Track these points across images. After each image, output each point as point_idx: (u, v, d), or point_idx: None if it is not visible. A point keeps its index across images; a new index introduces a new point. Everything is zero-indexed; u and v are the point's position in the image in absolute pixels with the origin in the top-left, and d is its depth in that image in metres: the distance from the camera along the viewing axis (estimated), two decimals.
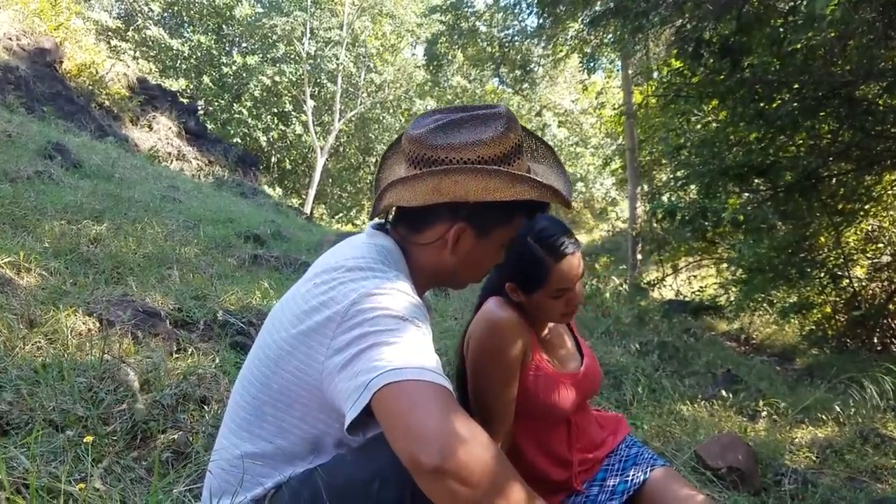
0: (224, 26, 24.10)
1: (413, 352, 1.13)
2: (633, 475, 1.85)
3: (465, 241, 1.40)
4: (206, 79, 22.12)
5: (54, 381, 2.00)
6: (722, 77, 6.93)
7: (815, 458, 3.23)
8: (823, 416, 3.90)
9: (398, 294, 1.23)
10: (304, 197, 23.65)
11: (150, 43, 22.43)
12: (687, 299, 11.30)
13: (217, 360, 2.63)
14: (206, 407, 2.17)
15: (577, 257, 1.73)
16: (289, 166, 25.51)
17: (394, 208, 1.45)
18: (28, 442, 1.48)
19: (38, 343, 2.31)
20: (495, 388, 1.71)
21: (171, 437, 1.94)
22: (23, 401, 1.84)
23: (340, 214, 26.10)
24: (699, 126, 9.34)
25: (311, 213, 20.36)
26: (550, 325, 1.88)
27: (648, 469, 1.87)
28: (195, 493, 1.59)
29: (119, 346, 2.43)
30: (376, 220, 1.49)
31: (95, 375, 2.08)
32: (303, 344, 1.24)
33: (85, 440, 1.41)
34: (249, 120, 22.11)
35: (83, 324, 2.60)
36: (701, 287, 12.28)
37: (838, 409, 3.88)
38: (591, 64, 15.87)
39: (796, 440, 3.50)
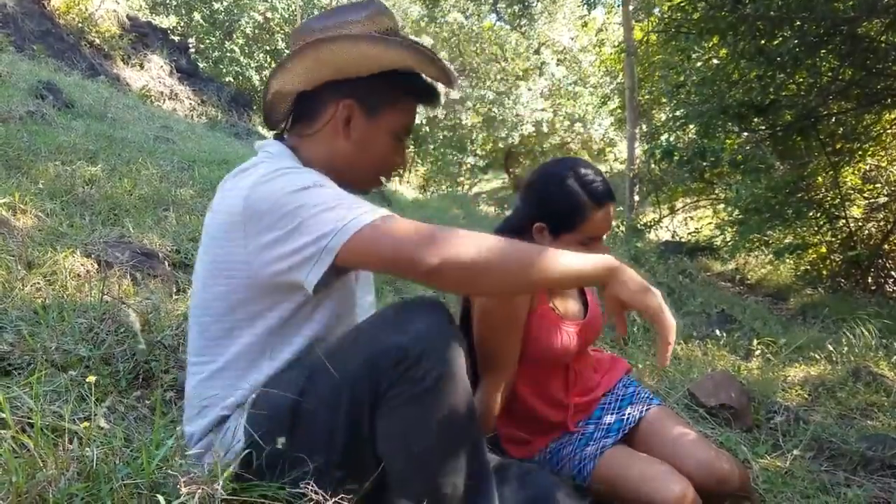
0: None
1: (338, 206, 1.22)
2: (629, 413, 1.89)
3: (356, 123, 1.42)
4: (196, 15, 21.57)
5: (55, 322, 2.01)
6: (723, 13, 6.80)
7: (807, 396, 3.29)
8: (816, 355, 3.95)
9: (286, 172, 1.28)
10: None
11: None
12: (683, 240, 11.32)
13: None
14: None
15: (614, 208, 1.73)
16: None
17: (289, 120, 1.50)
18: (31, 382, 1.50)
19: (37, 284, 2.31)
20: (501, 336, 1.71)
21: (172, 377, 1.96)
22: (24, 342, 1.85)
23: None
24: (699, 64, 9.21)
25: None
26: None
27: (644, 409, 1.90)
28: None
29: (118, 288, 2.44)
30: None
31: (96, 316, 2.09)
32: (221, 250, 1.30)
33: (87, 380, 1.42)
34: (241, 58, 21.66)
35: (81, 265, 2.60)
36: (697, 228, 12.29)
37: (831, 348, 3.93)
38: None
39: (789, 378, 3.56)
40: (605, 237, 1.76)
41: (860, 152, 8.65)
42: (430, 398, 1.18)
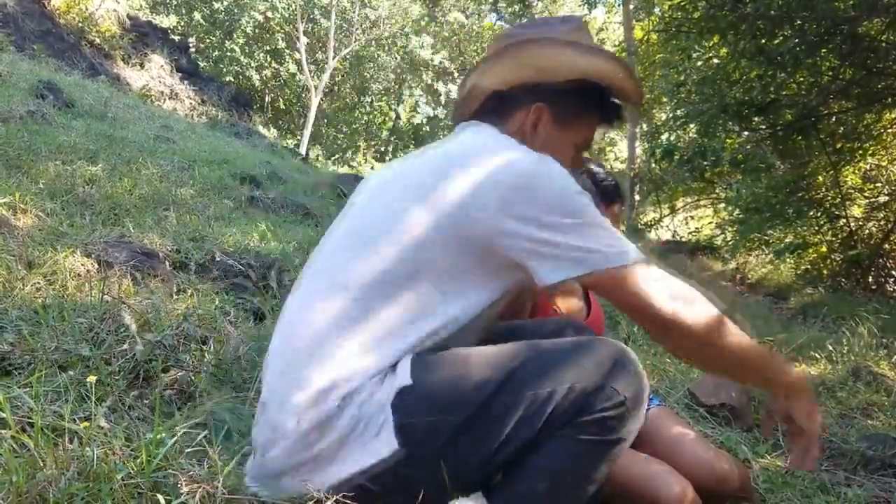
0: None
1: (613, 230, 1.27)
2: None
3: (544, 129, 1.43)
4: (197, 15, 21.59)
5: (55, 322, 2.01)
6: (724, 12, 6.81)
7: None
8: (816, 355, 3.94)
9: (560, 167, 1.28)
10: (299, 137, 23.39)
11: None
12: (684, 240, 11.34)
13: (217, 302, 2.65)
14: (205, 346, 2.19)
15: (622, 208, 1.74)
16: (283, 106, 25.15)
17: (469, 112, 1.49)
18: (31, 382, 1.50)
19: (37, 284, 2.31)
20: None
21: (172, 377, 1.96)
22: (24, 341, 1.85)
23: (336, 156, 25.89)
24: (700, 63, 9.21)
25: (307, 154, 20.19)
26: None
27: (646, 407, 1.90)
28: (198, 430, 1.61)
29: (118, 287, 2.44)
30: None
31: (96, 316, 2.09)
32: (453, 200, 1.24)
33: (88, 380, 1.42)
34: (242, 58, 21.68)
35: (81, 265, 2.60)
36: (697, 227, 12.30)
37: (831, 348, 3.92)
38: None
39: None
40: None
41: (860, 152, 8.65)
42: (609, 448, 1.21)
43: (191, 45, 18.78)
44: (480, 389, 1.18)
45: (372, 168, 23.32)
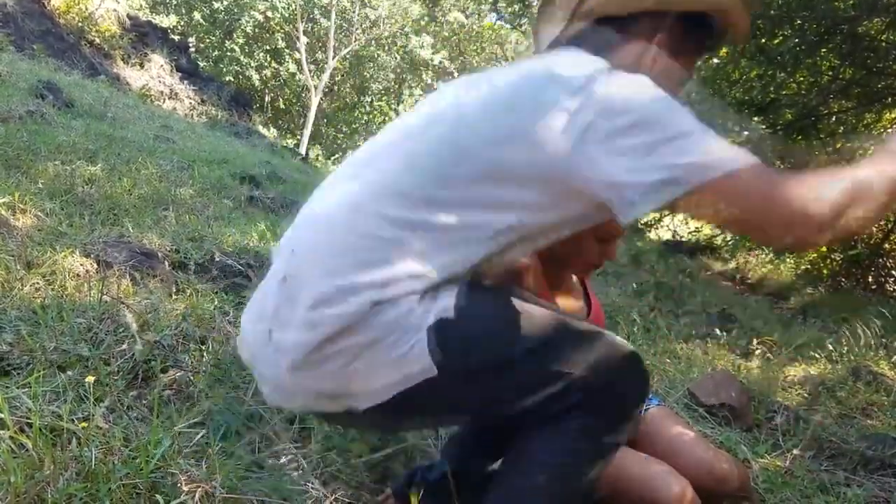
0: None
1: (707, 138, 1.11)
2: None
3: (660, 60, 1.33)
4: (197, 14, 21.60)
5: (54, 322, 2.01)
6: None
7: (807, 396, 3.28)
8: (816, 354, 3.94)
9: (657, 89, 1.15)
10: (298, 137, 23.39)
11: None
12: (683, 240, 11.31)
13: (216, 302, 2.64)
14: (204, 346, 2.19)
15: None
16: (283, 106, 25.16)
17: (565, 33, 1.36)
18: (29, 382, 1.49)
19: (36, 284, 2.31)
20: None
21: (171, 377, 1.95)
22: (23, 342, 1.85)
23: (336, 155, 25.89)
24: (699, 62, 9.22)
25: (307, 153, 20.19)
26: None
27: (644, 408, 1.90)
28: (196, 430, 1.61)
29: (117, 288, 2.44)
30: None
31: (95, 316, 2.09)
32: (532, 125, 1.12)
33: (86, 380, 1.42)
34: (242, 58, 21.69)
35: (80, 265, 2.60)
36: (697, 227, 12.27)
37: (831, 347, 3.92)
38: None
39: (789, 378, 3.55)
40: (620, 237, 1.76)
41: (861, 151, 8.64)
42: (607, 444, 1.22)
43: (191, 44, 18.78)
44: (514, 346, 1.16)
45: None
